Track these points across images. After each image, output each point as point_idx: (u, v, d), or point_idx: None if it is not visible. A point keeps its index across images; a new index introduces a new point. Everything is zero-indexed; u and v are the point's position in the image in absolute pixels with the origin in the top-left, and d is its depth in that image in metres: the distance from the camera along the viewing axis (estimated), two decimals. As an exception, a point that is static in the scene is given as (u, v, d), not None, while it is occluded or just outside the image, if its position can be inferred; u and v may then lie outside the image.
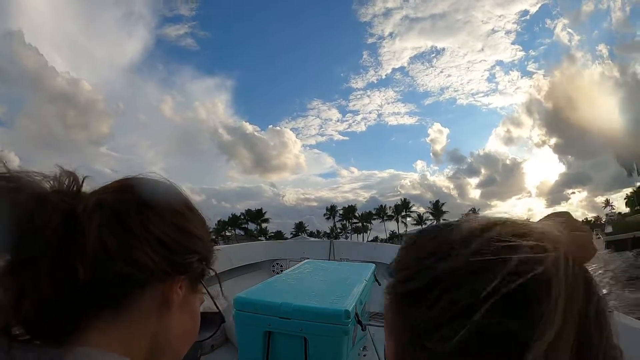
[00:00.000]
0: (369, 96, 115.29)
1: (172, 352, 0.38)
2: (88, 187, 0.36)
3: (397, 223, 70.89)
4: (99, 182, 0.37)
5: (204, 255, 0.40)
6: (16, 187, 0.31)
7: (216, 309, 0.44)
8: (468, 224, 0.28)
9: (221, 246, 3.11)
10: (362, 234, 72.18)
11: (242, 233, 65.43)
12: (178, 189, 0.41)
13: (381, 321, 1.13)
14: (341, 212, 73.37)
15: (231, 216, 68.76)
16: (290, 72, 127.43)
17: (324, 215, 74.34)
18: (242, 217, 68.77)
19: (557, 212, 0.31)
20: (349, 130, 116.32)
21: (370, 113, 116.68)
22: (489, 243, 0.25)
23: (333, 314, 1.33)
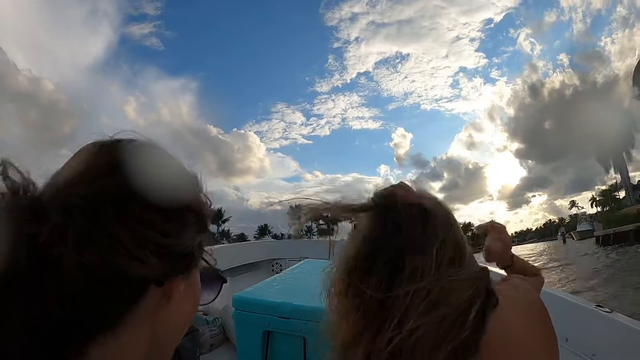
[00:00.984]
0: (333, 100, 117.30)
1: (173, 340, 0.35)
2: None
3: None
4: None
5: (203, 233, 0.34)
6: None
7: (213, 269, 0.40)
8: None
9: (221, 246, 3.11)
10: (329, 236, 70.31)
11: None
12: (163, 151, 0.33)
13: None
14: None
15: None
16: (255, 75, 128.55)
17: (288, 214, 71.63)
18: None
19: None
20: (313, 134, 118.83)
21: (334, 117, 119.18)
22: None
23: (332, 313, 1.32)
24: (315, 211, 0.60)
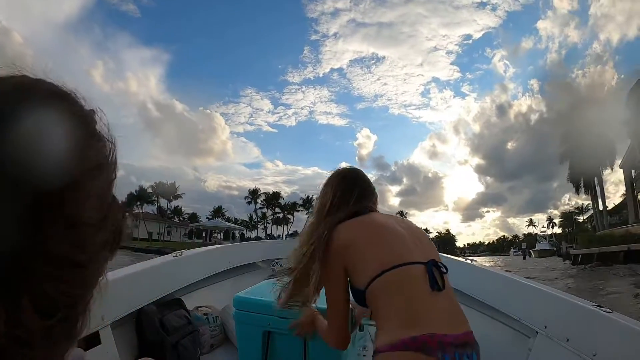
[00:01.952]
0: (303, 92, 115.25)
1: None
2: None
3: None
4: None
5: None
6: None
7: None
8: None
9: (221, 246, 3.11)
10: (283, 226, 67.10)
11: (154, 212, 55.37)
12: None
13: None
14: (264, 197, 65.78)
15: (139, 188, 54.61)
16: (229, 56, 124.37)
17: (245, 198, 67.06)
18: (152, 192, 55.26)
19: None
20: (279, 123, 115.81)
21: (302, 109, 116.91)
22: None
23: (333, 313, 1.32)
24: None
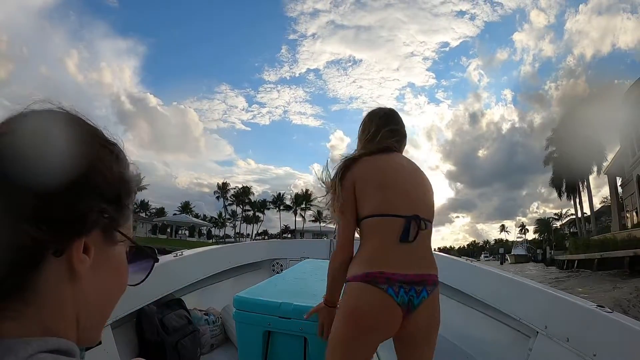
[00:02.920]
0: (278, 91, 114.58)
1: (98, 311, 0.35)
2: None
3: (295, 216, 60.18)
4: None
5: (107, 200, 0.33)
6: None
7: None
8: None
9: (221, 246, 3.11)
10: (253, 225, 64.48)
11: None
12: (60, 120, 0.33)
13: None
14: (233, 193, 62.57)
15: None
16: (206, 51, 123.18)
17: (214, 192, 63.31)
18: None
19: None
20: (252, 121, 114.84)
21: (276, 108, 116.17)
22: None
23: (333, 313, 1.32)
24: None
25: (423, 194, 1.20)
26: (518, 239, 73.26)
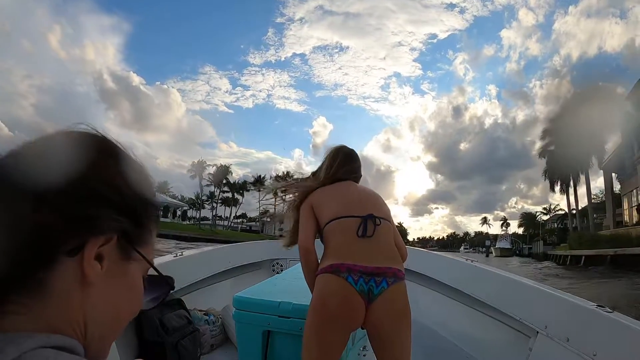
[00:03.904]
0: (263, 74, 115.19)
1: (106, 324, 0.35)
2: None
3: (275, 199, 57.42)
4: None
5: (122, 211, 0.34)
6: None
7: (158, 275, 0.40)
8: None
9: (220, 246, 3.11)
10: (231, 207, 60.20)
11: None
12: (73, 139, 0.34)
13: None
14: (212, 172, 55.62)
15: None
16: (191, 31, 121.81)
17: (188, 172, 56.92)
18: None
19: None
20: (235, 103, 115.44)
21: (260, 91, 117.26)
22: None
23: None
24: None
25: (375, 200, 1.35)
26: (502, 232, 71.91)
